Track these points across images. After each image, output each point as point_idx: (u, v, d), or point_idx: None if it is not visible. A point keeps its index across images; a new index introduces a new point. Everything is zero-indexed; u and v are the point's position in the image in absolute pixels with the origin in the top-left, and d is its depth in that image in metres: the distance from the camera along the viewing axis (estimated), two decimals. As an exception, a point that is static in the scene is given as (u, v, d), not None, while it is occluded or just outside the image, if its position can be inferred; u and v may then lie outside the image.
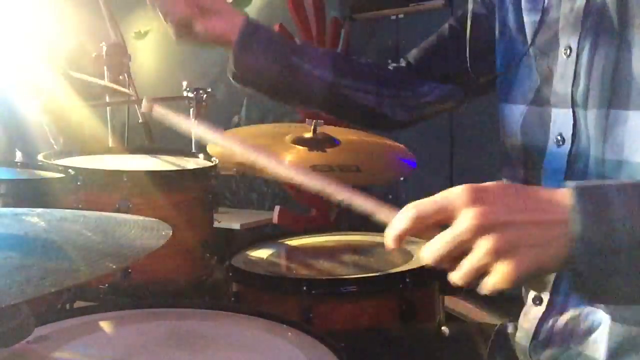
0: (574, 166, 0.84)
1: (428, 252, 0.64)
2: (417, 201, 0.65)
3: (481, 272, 0.62)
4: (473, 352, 0.98)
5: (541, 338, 0.86)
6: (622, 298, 0.67)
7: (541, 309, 0.87)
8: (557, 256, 0.61)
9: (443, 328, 1.07)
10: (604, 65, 0.79)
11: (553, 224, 0.62)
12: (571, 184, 0.64)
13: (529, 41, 0.90)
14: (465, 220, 0.61)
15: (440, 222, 0.64)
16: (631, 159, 0.77)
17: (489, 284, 0.62)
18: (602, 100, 0.79)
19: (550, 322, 0.86)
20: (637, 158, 0.76)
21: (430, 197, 0.65)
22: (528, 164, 0.91)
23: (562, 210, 0.62)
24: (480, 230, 0.61)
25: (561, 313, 0.85)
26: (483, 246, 0.61)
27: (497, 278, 0.61)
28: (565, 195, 0.63)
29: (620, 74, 0.77)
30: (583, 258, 0.61)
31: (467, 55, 1.00)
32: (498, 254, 0.60)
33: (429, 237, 0.65)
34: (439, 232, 0.64)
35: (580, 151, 0.83)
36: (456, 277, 0.64)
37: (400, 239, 0.65)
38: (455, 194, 0.63)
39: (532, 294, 0.88)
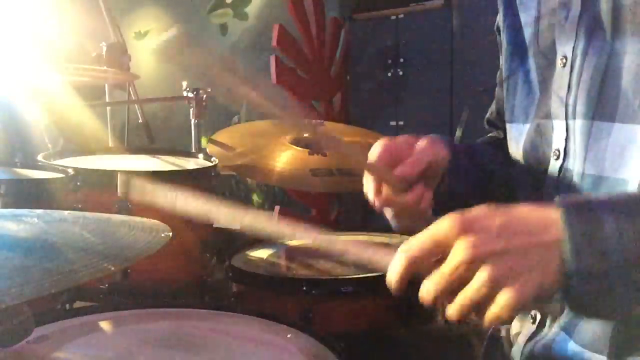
0: (564, 181, 0.82)
1: (426, 291, 0.63)
2: (408, 243, 0.64)
3: (478, 304, 0.61)
4: (472, 352, 0.98)
5: (529, 355, 0.86)
6: (619, 314, 0.66)
7: (533, 327, 0.86)
8: (555, 278, 0.60)
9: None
10: (592, 75, 0.77)
11: (547, 245, 0.60)
12: (559, 200, 0.63)
13: (529, 53, 0.89)
14: (459, 252, 0.60)
15: (434, 258, 0.62)
16: (612, 174, 0.75)
17: (491, 315, 0.61)
18: (588, 111, 0.77)
19: (538, 340, 0.85)
20: (618, 174, 0.74)
21: (420, 234, 0.63)
22: (531, 179, 0.89)
23: (554, 229, 0.61)
24: (476, 260, 0.59)
25: (547, 333, 0.84)
26: (481, 277, 0.59)
27: (499, 307, 0.60)
28: (555, 213, 0.61)
29: (608, 84, 0.75)
30: (578, 280, 0.60)
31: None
32: (497, 282, 0.59)
33: (430, 271, 0.63)
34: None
35: (569, 165, 0.81)
36: (453, 309, 0.63)
37: (402, 285, 0.64)
38: (444, 227, 0.62)
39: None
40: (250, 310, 1.00)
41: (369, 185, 0.91)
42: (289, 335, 0.90)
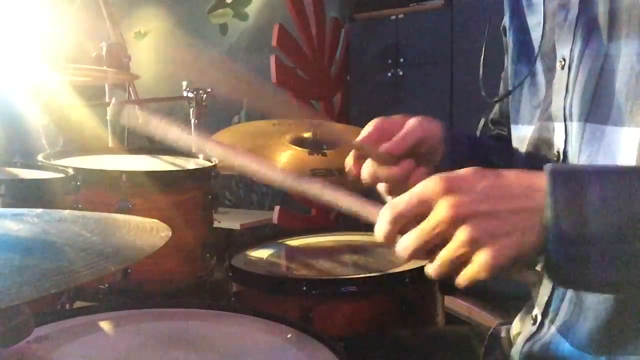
0: None
1: (402, 246, 0.64)
2: (393, 200, 0.64)
3: (458, 264, 0.62)
4: (472, 353, 0.98)
5: (527, 355, 0.86)
6: (597, 288, 0.66)
7: (533, 328, 0.86)
8: (534, 244, 0.60)
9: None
10: (587, 77, 0.77)
11: (530, 211, 0.61)
12: (547, 167, 0.63)
13: (535, 57, 0.89)
14: (440, 211, 0.60)
15: (420, 215, 0.63)
16: None
17: (467, 275, 0.61)
18: (582, 113, 0.77)
19: (536, 341, 0.85)
20: None
21: (407, 192, 0.64)
22: None
23: (539, 196, 0.61)
24: (456, 220, 0.60)
25: (545, 334, 0.84)
26: (460, 236, 0.60)
27: (475, 268, 0.60)
28: (541, 180, 0.61)
29: (602, 86, 0.75)
30: (556, 246, 0.60)
31: (481, 79, 0.99)
32: (475, 243, 0.60)
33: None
34: None
35: None
36: (432, 269, 0.64)
37: (390, 240, 0.65)
38: (429, 186, 0.62)
39: (536, 310, 0.87)
40: (250, 310, 1.00)
41: (348, 158, 0.92)
42: (289, 335, 0.90)
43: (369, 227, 0.82)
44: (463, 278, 0.62)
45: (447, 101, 3.07)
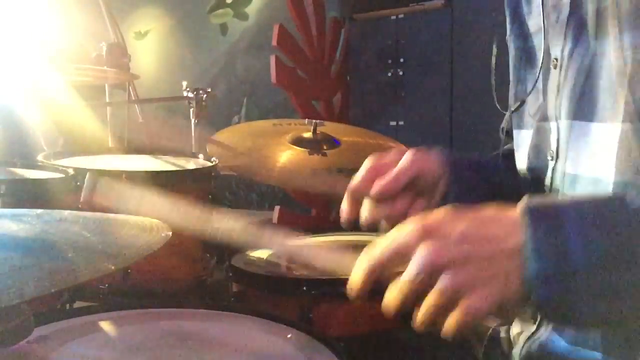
0: (554, 182, 0.82)
1: (388, 303, 0.62)
2: (370, 249, 0.63)
3: (442, 312, 0.59)
4: (472, 353, 0.98)
5: (526, 354, 0.86)
6: (589, 323, 0.64)
7: (533, 327, 0.86)
8: (517, 285, 0.58)
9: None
10: (576, 75, 0.78)
11: (510, 253, 0.58)
12: (523, 203, 0.61)
13: (538, 60, 0.89)
14: (418, 260, 0.58)
15: (398, 263, 0.61)
16: (589, 174, 0.75)
17: (452, 324, 0.59)
18: (569, 111, 0.78)
19: (535, 340, 0.85)
20: (595, 173, 0.74)
21: (382, 240, 0.62)
22: (534, 184, 0.89)
23: (517, 234, 0.59)
24: (435, 268, 0.58)
25: (543, 333, 0.84)
26: (440, 285, 0.58)
27: (459, 316, 0.58)
28: (518, 217, 0.59)
29: (589, 84, 0.76)
30: (540, 284, 0.57)
31: (494, 89, 0.98)
32: (457, 291, 0.58)
33: (393, 278, 0.62)
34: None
35: (559, 166, 0.82)
36: (417, 320, 0.61)
37: (363, 292, 0.63)
38: (405, 233, 0.60)
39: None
40: (250, 310, 1.00)
41: (343, 203, 0.91)
42: (289, 335, 0.90)
43: (369, 227, 0.82)
44: (448, 328, 0.59)
45: (447, 101, 3.07)
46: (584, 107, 0.76)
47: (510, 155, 1.05)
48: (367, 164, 0.91)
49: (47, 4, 2.60)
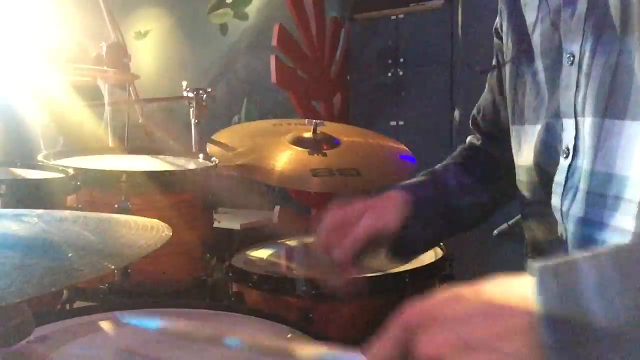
0: (571, 180, 0.81)
1: None
2: (370, 351, 0.59)
3: None
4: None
5: None
6: None
7: None
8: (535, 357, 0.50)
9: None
10: (602, 72, 0.76)
11: (520, 330, 0.51)
12: (535, 266, 0.53)
13: (537, 54, 0.89)
14: (420, 353, 0.53)
15: (402, 355, 0.56)
16: (621, 172, 0.74)
17: None
18: (598, 109, 0.77)
19: None
20: (628, 172, 0.73)
21: (380, 338, 0.59)
22: (541, 180, 0.89)
23: (527, 309, 0.51)
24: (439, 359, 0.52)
25: None
26: None
27: None
28: (526, 287, 0.52)
29: (618, 81, 0.74)
30: (559, 353, 0.49)
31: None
32: None
33: None
34: None
35: (578, 163, 0.81)
36: None
37: None
38: (404, 323, 0.56)
39: None
40: (250, 310, 1.00)
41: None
42: (289, 335, 0.90)
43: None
44: None
45: (447, 101, 3.07)
46: (614, 105, 0.75)
47: (473, 158, 1.13)
48: (327, 216, 0.98)
49: (47, 4, 2.60)
